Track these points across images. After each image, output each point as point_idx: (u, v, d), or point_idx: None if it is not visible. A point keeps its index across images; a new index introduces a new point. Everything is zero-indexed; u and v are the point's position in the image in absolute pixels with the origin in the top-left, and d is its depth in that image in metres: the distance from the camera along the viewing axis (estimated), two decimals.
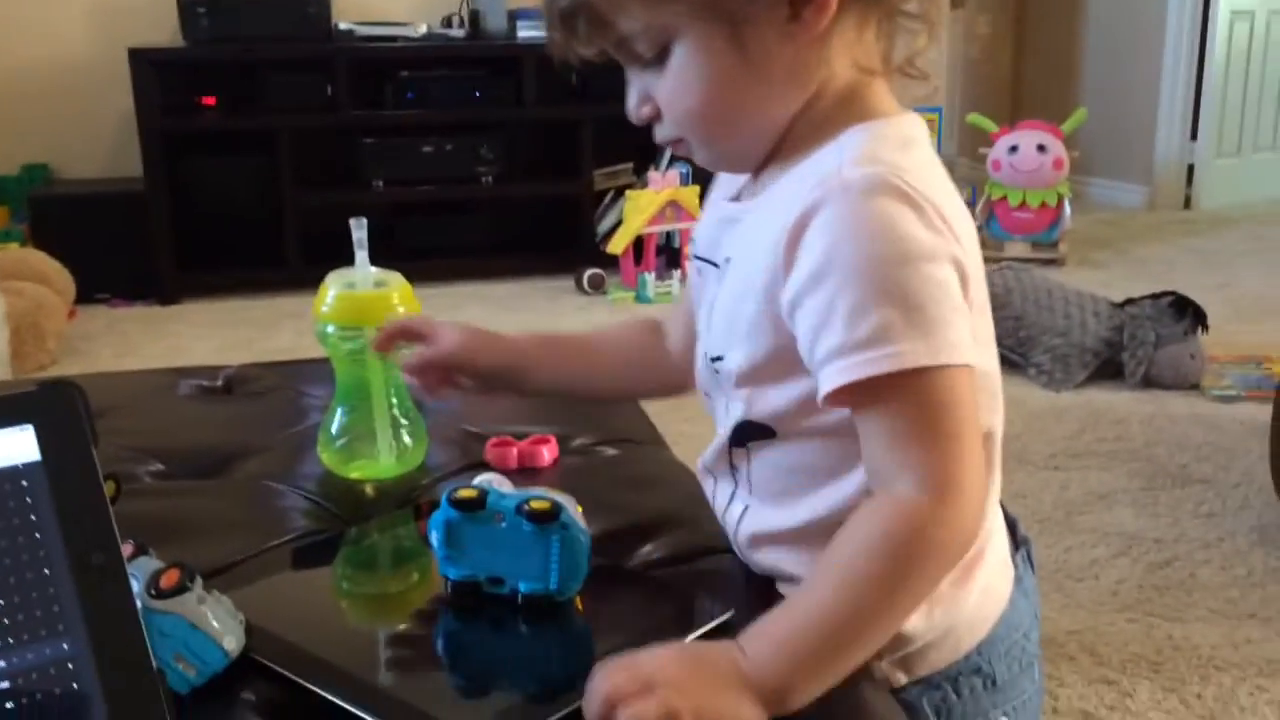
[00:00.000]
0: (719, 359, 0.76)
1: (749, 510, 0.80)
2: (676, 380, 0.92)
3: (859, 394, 0.66)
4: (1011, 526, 0.86)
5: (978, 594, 0.77)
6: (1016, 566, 0.83)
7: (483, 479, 0.77)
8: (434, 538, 0.75)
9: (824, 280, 0.66)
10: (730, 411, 0.77)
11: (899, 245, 0.66)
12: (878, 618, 0.65)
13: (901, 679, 0.76)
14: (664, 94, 0.73)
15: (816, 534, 0.70)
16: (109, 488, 0.66)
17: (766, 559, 0.80)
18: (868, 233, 0.66)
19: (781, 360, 0.71)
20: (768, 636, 0.64)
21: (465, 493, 0.74)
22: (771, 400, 0.74)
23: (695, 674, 0.61)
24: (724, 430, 0.79)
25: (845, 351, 0.65)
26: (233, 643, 0.67)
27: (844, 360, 0.65)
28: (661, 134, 0.76)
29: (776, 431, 0.75)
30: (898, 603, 0.65)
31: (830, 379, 0.66)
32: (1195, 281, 3.46)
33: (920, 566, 0.65)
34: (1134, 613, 1.67)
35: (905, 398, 0.65)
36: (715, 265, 0.78)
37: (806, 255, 0.67)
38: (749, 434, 0.77)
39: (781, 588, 0.79)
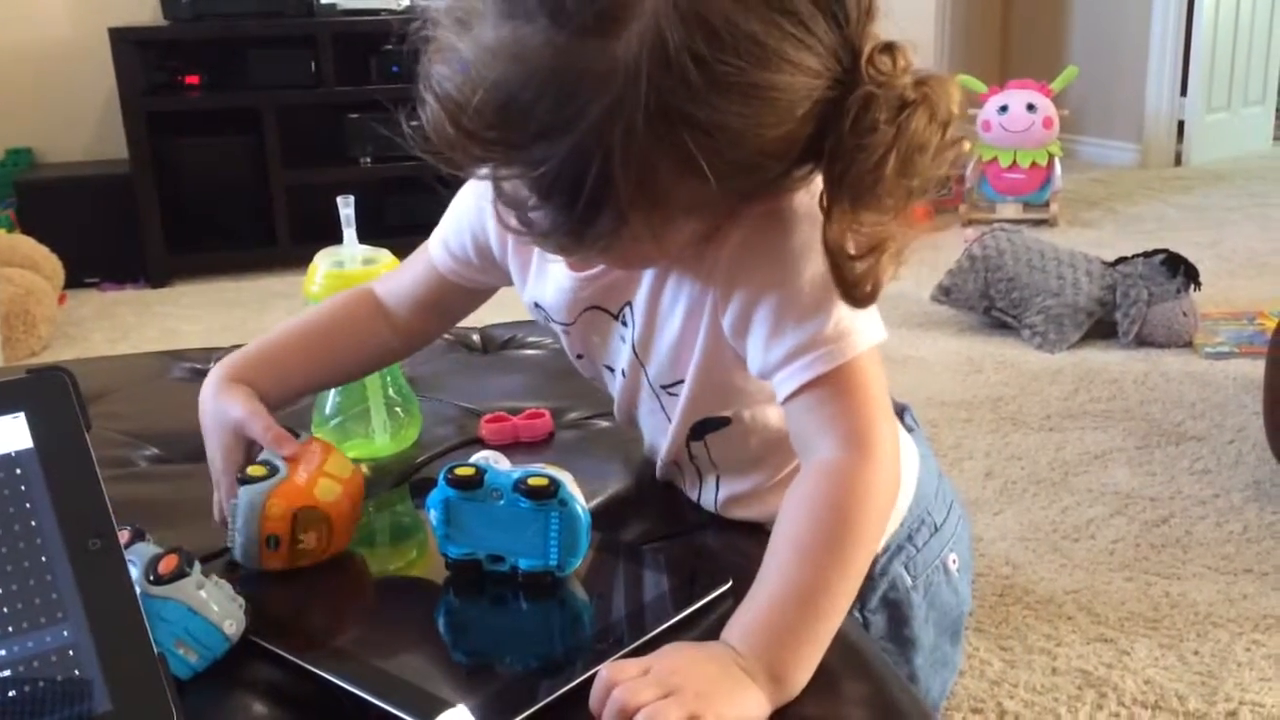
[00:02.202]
0: (678, 383, 0.80)
1: (721, 483, 0.86)
2: (397, 355, 0.96)
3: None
4: None
5: None
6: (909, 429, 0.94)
7: (480, 456, 0.77)
8: (433, 516, 0.75)
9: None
10: (679, 417, 0.82)
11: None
12: (840, 577, 0.67)
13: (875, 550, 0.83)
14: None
15: (791, 479, 0.73)
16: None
17: (749, 513, 0.85)
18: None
19: (737, 364, 0.76)
20: (747, 627, 0.65)
21: (463, 471, 0.74)
22: (727, 396, 0.80)
23: (708, 675, 0.62)
24: (672, 433, 0.84)
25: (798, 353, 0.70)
26: (233, 626, 0.67)
27: (799, 361, 0.70)
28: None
29: (732, 418, 0.81)
30: (851, 558, 0.68)
31: (788, 383, 0.71)
32: (1187, 238, 3.47)
33: (859, 518, 0.68)
34: (1131, 571, 1.68)
35: (831, 376, 0.70)
36: (610, 313, 0.81)
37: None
38: (707, 428, 0.82)
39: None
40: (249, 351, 0.89)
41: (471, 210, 0.87)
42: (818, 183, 0.66)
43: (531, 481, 0.72)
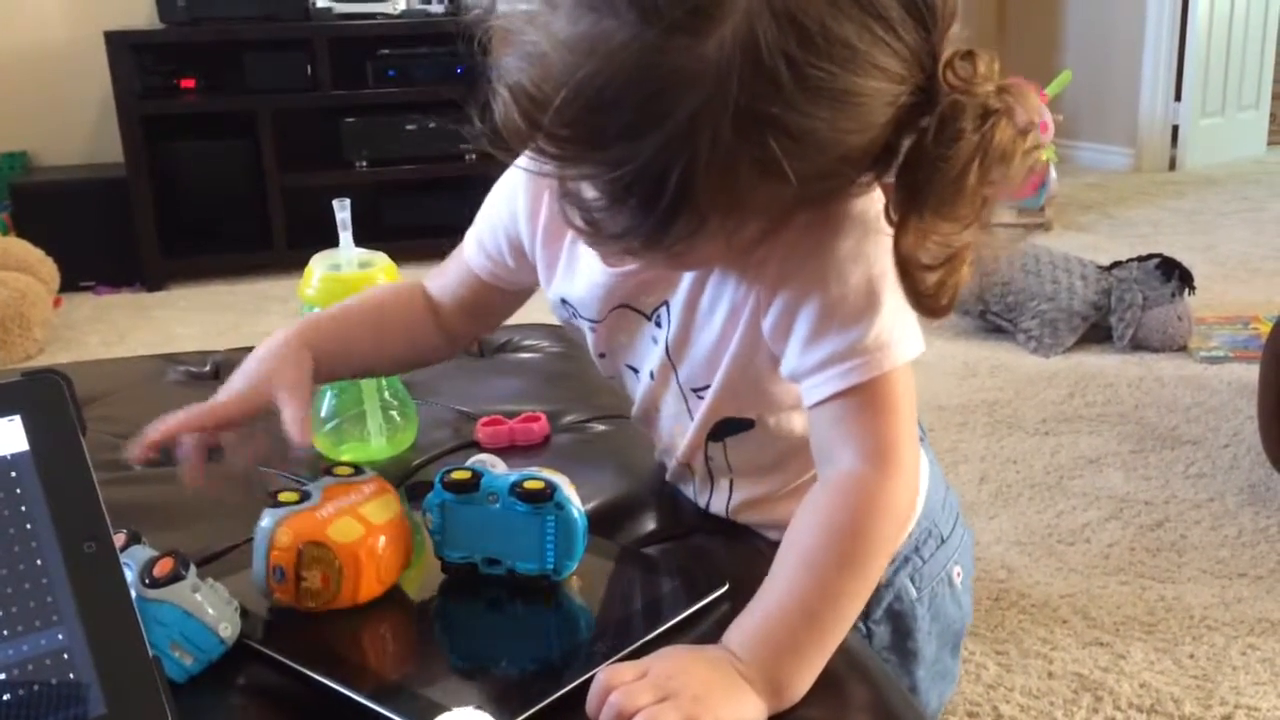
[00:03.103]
0: (705, 388, 0.79)
1: (735, 489, 0.84)
2: (440, 355, 0.95)
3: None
4: None
5: None
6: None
7: (476, 460, 0.77)
8: (429, 520, 0.75)
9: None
10: (701, 416, 0.81)
11: None
12: (846, 593, 0.66)
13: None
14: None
15: (806, 487, 0.73)
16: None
17: (760, 518, 0.84)
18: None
19: (769, 368, 0.75)
20: (749, 633, 0.65)
21: (459, 474, 0.74)
22: (754, 399, 0.78)
23: (706, 679, 0.62)
24: (692, 433, 0.82)
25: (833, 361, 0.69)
26: (228, 630, 0.67)
27: (835, 368, 0.69)
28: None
29: (756, 422, 0.80)
30: (860, 574, 0.67)
31: (819, 389, 0.70)
32: (1181, 243, 3.47)
33: (873, 535, 0.67)
34: (1126, 575, 1.68)
35: (863, 387, 0.69)
36: (642, 313, 0.80)
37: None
38: (728, 429, 0.81)
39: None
40: (324, 317, 0.88)
41: (504, 208, 0.85)
42: (875, 191, 0.66)
43: (527, 485, 0.72)
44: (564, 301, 0.84)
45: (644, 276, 0.77)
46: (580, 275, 0.81)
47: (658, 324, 0.79)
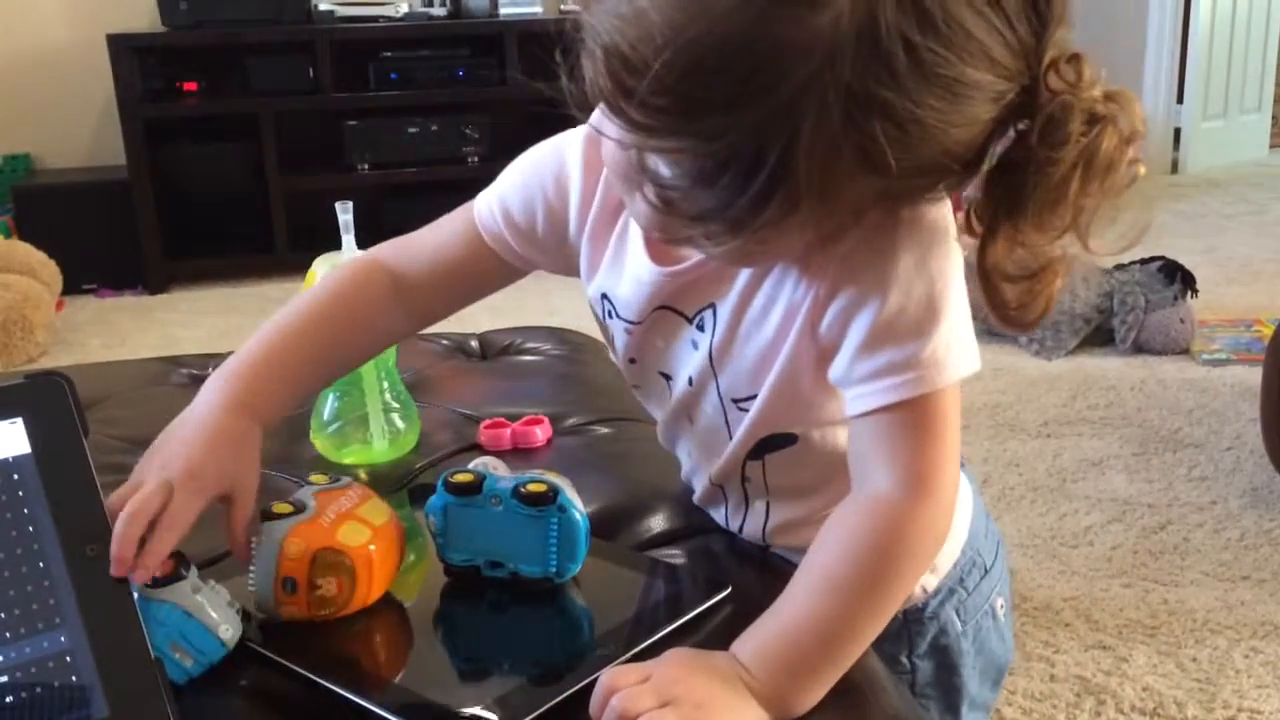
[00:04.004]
0: (751, 397, 0.74)
1: (772, 511, 0.80)
2: (401, 338, 0.88)
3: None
4: None
5: None
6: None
7: (479, 463, 0.77)
8: (432, 523, 0.75)
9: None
10: (743, 433, 0.76)
11: None
12: (866, 619, 0.65)
13: (924, 594, 0.81)
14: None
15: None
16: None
17: (798, 541, 0.78)
18: None
19: (819, 377, 0.71)
20: (762, 647, 0.64)
21: (461, 477, 0.74)
22: (801, 412, 0.74)
23: (709, 687, 0.61)
24: (730, 451, 0.78)
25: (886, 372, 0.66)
26: (229, 632, 0.67)
27: (886, 380, 0.66)
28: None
29: (800, 437, 0.75)
30: (882, 602, 0.66)
31: (866, 400, 0.66)
32: (1184, 246, 3.47)
33: (902, 563, 0.66)
34: (1129, 578, 1.68)
35: (912, 404, 0.66)
36: (684, 315, 0.75)
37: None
38: (769, 446, 0.76)
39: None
40: (255, 360, 0.78)
41: (550, 182, 0.78)
42: (945, 202, 0.64)
43: (530, 488, 0.72)
44: (605, 297, 0.78)
45: (692, 276, 0.72)
46: (626, 272, 0.75)
47: (699, 327, 0.74)
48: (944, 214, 0.66)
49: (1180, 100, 4.68)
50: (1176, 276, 2.60)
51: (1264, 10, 4.79)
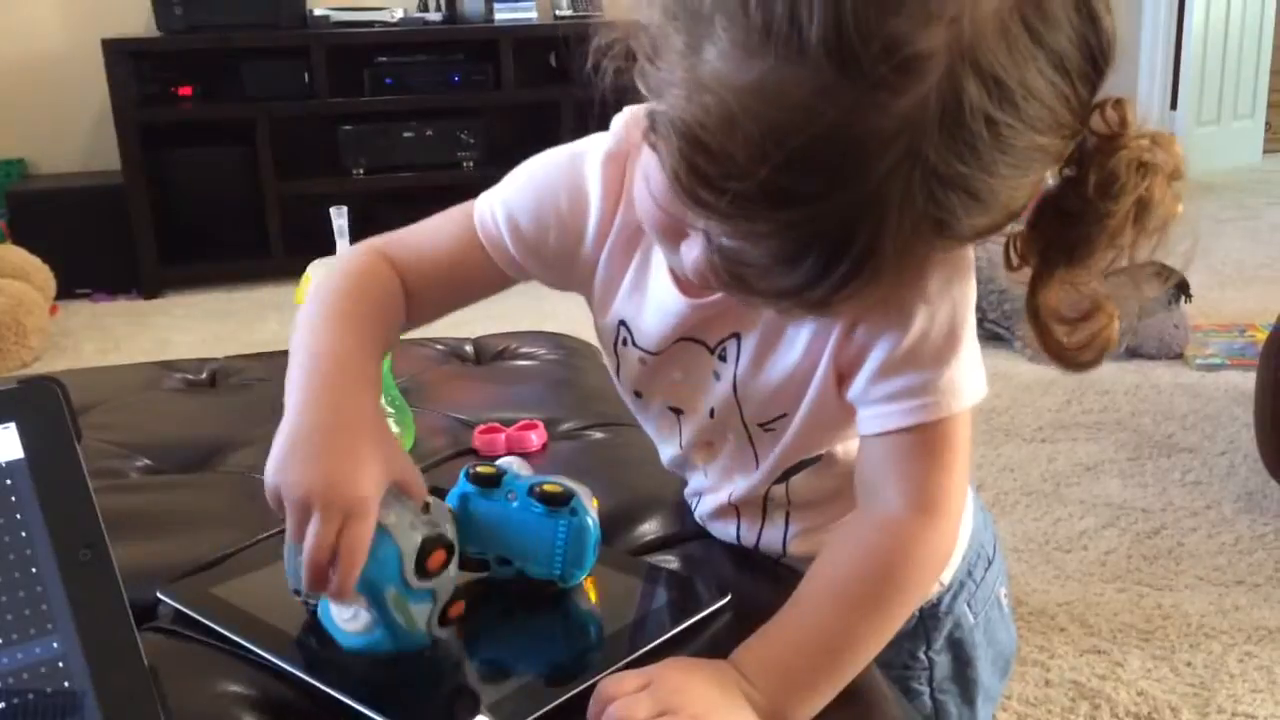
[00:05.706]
0: (779, 417, 0.74)
1: (792, 520, 0.80)
2: (405, 328, 0.82)
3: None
4: None
5: None
6: None
7: (505, 461, 0.77)
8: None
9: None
10: (775, 457, 0.76)
11: None
12: (868, 635, 0.66)
13: (939, 588, 0.82)
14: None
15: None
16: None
17: (814, 549, 0.76)
18: None
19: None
20: (763, 658, 0.64)
21: (484, 469, 0.75)
22: (833, 433, 0.75)
23: (708, 697, 0.61)
24: (759, 475, 0.77)
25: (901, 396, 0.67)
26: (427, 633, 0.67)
27: (902, 404, 0.67)
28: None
29: (824, 454, 0.76)
30: (887, 619, 0.66)
31: (880, 421, 0.67)
32: (1178, 251, 3.47)
33: (907, 583, 0.66)
34: (1123, 582, 1.68)
35: (925, 428, 0.67)
36: (706, 346, 0.74)
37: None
38: (798, 467, 0.77)
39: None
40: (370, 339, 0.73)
41: (564, 200, 0.74)
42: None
43: (546, 487, 0.72)
44: (623, 324, 0.76)
45: (720, 308, 0.71)
46: (649, 301, 0.73)
47: (721, 358, 0.73)
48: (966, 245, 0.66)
49: (1174, 106, 4.69)
50: (1170, 281, 2.61)
51: (1257, 16, 4.81)
